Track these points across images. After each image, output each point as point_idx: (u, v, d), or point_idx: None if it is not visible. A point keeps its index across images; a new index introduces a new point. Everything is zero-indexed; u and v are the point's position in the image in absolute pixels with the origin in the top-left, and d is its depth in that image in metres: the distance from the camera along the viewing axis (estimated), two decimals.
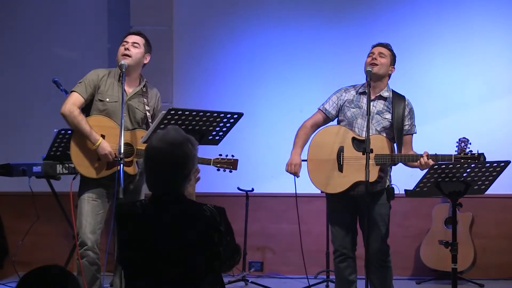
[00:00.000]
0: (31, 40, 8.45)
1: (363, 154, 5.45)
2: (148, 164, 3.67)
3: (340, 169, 5.74)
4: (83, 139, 5.67)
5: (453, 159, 5.52)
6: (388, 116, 5.79)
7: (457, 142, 7.42)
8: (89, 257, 5.66)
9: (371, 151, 5.46)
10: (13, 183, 7.27)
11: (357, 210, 5.73)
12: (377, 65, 5.78)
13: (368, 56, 5.87)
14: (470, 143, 7.39)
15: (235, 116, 5.48)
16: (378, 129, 5.76)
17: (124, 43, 5.85)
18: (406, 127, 5.82)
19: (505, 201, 7.80)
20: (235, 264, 3.84)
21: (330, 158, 5.77)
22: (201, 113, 5.36)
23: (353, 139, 5.74)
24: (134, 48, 5.82)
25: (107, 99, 5.76)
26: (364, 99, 5.75)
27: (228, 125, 5.51)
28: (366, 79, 5.71)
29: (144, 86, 5.90)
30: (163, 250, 3.59)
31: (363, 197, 5.48)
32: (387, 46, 5.92)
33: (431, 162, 5.49)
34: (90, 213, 5.66)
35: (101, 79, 5.83)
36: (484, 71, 7.93)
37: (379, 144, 5.66)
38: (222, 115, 5.43)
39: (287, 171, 5.90)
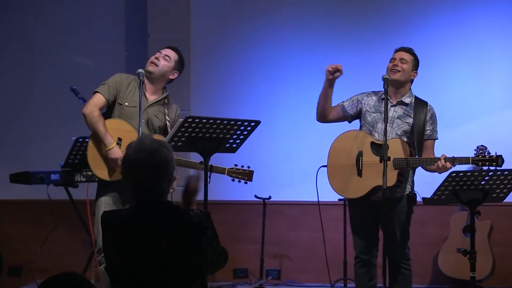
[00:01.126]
0: (49, 49, 8.49)
1: (381, 159, 5.45)
2: (129, 177, 3.66)
3: (359, 173, 5.73)
4: (100, 141, 5.71)
5: (470, 161, 5.51)
6: (409, 120, 5.77)
7: (475, 150, 7.40)
8: None
9: (389, 158, 5.44)
10: (31, 191, 7.31)
11: (378, 216, 5.68)
12: (398, 71, 5.77)
13: (390, 62, 5.85)
14: (489, 151, 7.38)
15: (252, 124, 5.47)
16: (399, 133, 5.74)
17: (158, 53, 5.94)
18: (428, 132, 5.78)
19: None
20: (220, 268, 3.87)
21: (349, 163, 5.77)
22: (218, 121, 5.36)
23: (372, 143, 5.72)
24: (164, 60, 5.91)
25: (126, 103, 5.80)
26: (384, 105, 5.68)
27: (245, 133, 5.50)
28: (384, 86, 5.67)
29: (166, 98, 5.95)
30: (151, 257, 3.58)
31: (382, 205, 5.45)
32: (409, 50, 5.88)
33: (448, 165, 5.48)
34: None
35: (124, 83, 5.88)
36: (502, 79, 7.90)
37: (395, 148, 5.62)
38: (239, 123, 5.42)
39: (329, 70, 5.83)
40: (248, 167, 5.89)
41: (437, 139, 5.86)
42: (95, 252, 5.75)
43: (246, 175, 5.90)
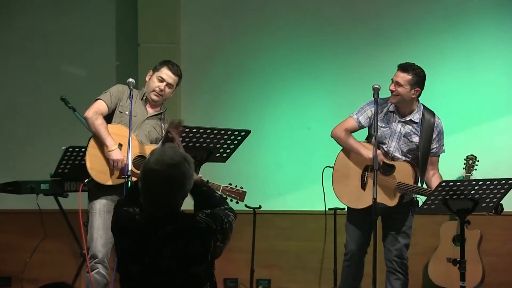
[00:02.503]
0: (39, 58, 8.47)
1: (385, 176, 5.70)
2: (146, 185, 3.67)
3: (363, 187, 5.91)
4: (99, 145, 5.76)
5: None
6: (416, 139, 5.90)
7: (465, 160, 7.44)
8: (99, 270, 5.71)
9: (394, 177, 5.72)
10: (21, 200, 7.29)
11: (376, 219, 5.75)
12: (395, 96, 5.88)
13: (391, 81, 5.93)
14: (478, 160, 7.41)
15: (243, 133, 5.50)
16: (405, 150, 5.89)
17: (160, 79, 5.93)
18: (434, 150, 5.94)
19: None
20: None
21: (355, 173, 5.94)
22: (209, 131, 5.38)
23: (383, 162, 5.85)
24: (168, 88, 5.95)
25: (127, 112, 5.85)
26: (393, 119, 5.92)
27: (235, 142, 5.52)
28: (373, 96, 5.84)
29: (163, 113, 6.02)
30: (161, 265, 3.60)
31: (383, 212, 5.75)
32: (406, 69, 5.90)
33: None
34: (102, 227, 5.70)
35: (125, 93, 5.94)
36: (492, 88, 7.90)
37: (405, 173, 5.79)
38: (230, 132, 5.45)
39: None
40: (241, 187, 5.93)
41: (443, 152, 6.03)
42: (87, 259, 5.76)
43: (239, 195, 5.98)
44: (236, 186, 5.91)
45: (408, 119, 5.92)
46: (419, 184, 5.85)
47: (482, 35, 7.92)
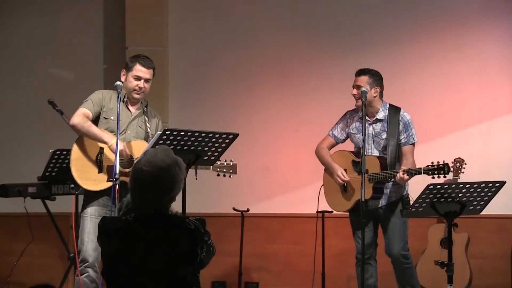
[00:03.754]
0: (27, 61, 8.47)
1: (358, 174, 6.03)
2: (135, 185, 3.68)
3: (345, 189, 6.38)
4: (83, 151, 5.76)
5: (422, 171, 5.99)
6: (384, 135, 6.29)
7: (452, 163, 7.45)
8: (89, 274, 5.72)
9: (367, 171, 5.99)
10: (8, 203, 7.26)
11: (377, 220, 6.34)
12: (359, 99, 6.22)
13: (352, 88, 6.33)
14: (466, 163, 7.42)
15: (231, 136, 5.49)
16: (379, 149, 6.31)
17: (137, 78, 5.94)
18: (402, 141, 6.30)
19: (500, 221, 7.79)
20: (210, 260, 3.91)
21: (335, 183, 6.40)
22: (197, 134, 5.37)
23: (353, 161, 6.34)
24: (146, 83, 5.96)
25: (112, 117, 5.86)
26: (365, 124, 6.24)
27: (223, 145, 5.52)
28: (362, 99, 6.13)
29: (146, 106, 6.03)
30: (149, 265, 3.59)
31: (378, 209, 6.23)
32: (362, 72, 6.33)
33: (406, 176, 6.01)
34: (93, 231, 5.69)
35: (106, 98, 5.95)
36: (480, 91, 7.92)
37: (372, 165, 6.17)
38: (218, 135, 5.44)
39: (342, 181, 6.32)
40: (231, 160, 6.01)
41: (414, 142, 6.35)
42: (77, 263, 5.76)
43: (230, 168, 6.05)
44: (225, 161, 5.96)
45: (374, 118, 6.32)
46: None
47: (469, 39, 7.94)
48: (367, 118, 6.28)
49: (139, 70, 5.94)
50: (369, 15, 8.09)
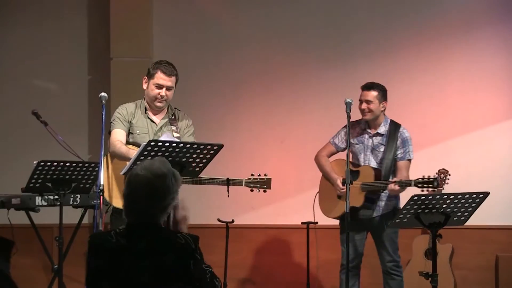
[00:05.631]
0: (10, 71, 8.44)
1: (351, 183, 6.14)
2: (128, 189, 3.68)
3: (339, 197, 6.52)
4: (115, 170, 5.78)
5: (412, 184, 6.17)
6: (382, 149, 6.51)
7: (436, 173, 7.47)
8: None
9: (359, 180, 6.36)
10: None
11: (369, 231, 6.55)
12: (368, 113, 6.49)
13: (359, 102, 6.52)
14: (450, 174, 7.44)
15: (215, 147, 5.48)
16: (377, 161, 6.49)
17: (158, 86, 5.95)
18: (399, 156, 6.51)
19: (484, 232, 7.82)
20: None
21: (332, 188, 6.58)
22: (181, 145, 5.36)
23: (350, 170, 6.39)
24: (168, 91, 5.99)
25: (137, 131, 5.92)
26: (366, 136, 6.56)
27: (208, 156, 5.50)
28: (346, 110, 6.22)
29: (172, 115, 6.07)
30: (139, 279, 3.57)
31: (371, 220, 6.41)
32: (372, 87, 6.53)
33: (396, 187, 6.20)
34: None
35: (129, 113, 5.99)
36: (464, 102, 7.97)
37: (365, 173, 6.41)
38: (202, 146, 5.42)
39: (339, 192, 6.48)
40: (265, 174, 6.06)
41: (410, 159, 6.55)
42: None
43: (264, 184, 6.16)
44: (259, 175, 5.99)
45: (375, 132, 6.54)
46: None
47: (452, 52, 7.98)
48: (368, 130, 6.55)
49: (161, 78, 5.95)
50: (354, 27, 8.12)
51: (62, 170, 6.11)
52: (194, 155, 5.43)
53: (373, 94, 6.49)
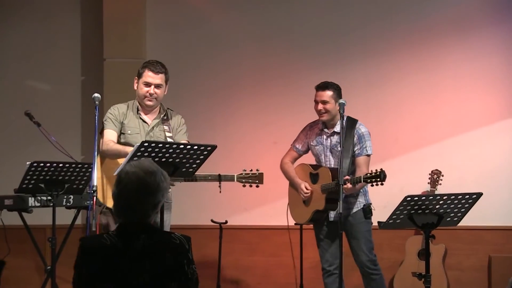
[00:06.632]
0: (4, 72, 8.42)
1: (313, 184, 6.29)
2: (119, 187, 3.67)
3: (304, 202, 6.53)
4: (109, 172, 5.78)
5: (362, 179, 6.00)
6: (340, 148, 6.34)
7: (429, 174, 7.49)
8: None
9: (319, 182, 6.36)
10: None
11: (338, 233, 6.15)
12: (325, 114, 6.40)
13: (315, 103, 6.45)
14: (443, 175, 7.46)
15: (209, 148, 5.48)
16: (337, 160, 6.35)
17: (146, 84, 5.98)
18: (356, 152, 6.40)
19: (477, 233, 7.83)
20: None
21: (298, 194, 6.55)
22: (175, 146, 5.36)
23: (310, 174, 6.52)
24: (158, 89, 6.01)
25: (129, 132, 5.94)
26: (324, 136, 6.50)
27: (201, 157, 5.51)
28: (339, 110, 6.20)
29: (165, 115, 6.08)
30: (134, 280, 3.57)
31: (341, 220, 5.93)
32: (326, 87, 6.43)
33: (349, 185, 6.04)
34: None
35: (120, 114, 6.01)
36: (456, 104, 7.98)
37: (325, 176, 6.36)
38: (196, 147, 5.43)
39: (306, 195, 6.45)
40: (257, 169, 6.06)
41: (368, 154, 6.41)
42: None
43: (257, 178, 6.13)
44: (251, 170, 5.99)
45: (332, 131, 6.46)
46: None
47: (445, 53, 7.99)
48: (325, 130, 6.48)
49: (149, 75, 5.99)
50: (347, 27, 8.13)
51: (55, 171, 6.10)
52: (188, 156, 5.44)
53: (328, 94, 6.39)
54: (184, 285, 3.66)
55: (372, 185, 6.03)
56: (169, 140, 5.93)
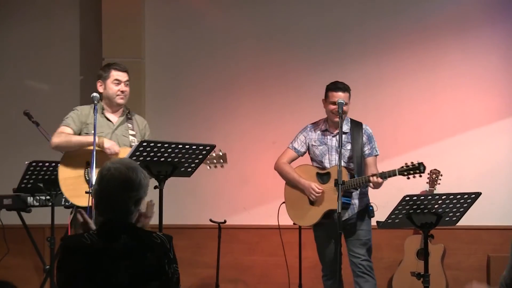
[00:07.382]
0: (2, 72, 8.42)
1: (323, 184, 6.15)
2: (101, 184, 3.66)
3: (311, 202, 6.35)
4: (70, 169, 5.76)
5: (397, 173, 5.99)
6: (349, 146, 6.35)
7: (428, 174, 7.48)
8: None
9: (332, 181, 6.16)
10: None
11: (338, 236, 6.08)
12: (344, 114, 6.26)
13: (330, 103, 6.31)
14: (442, 175, 7.46)
15: (207, 148, 5.49)
16: (345, 160, 6.30)
17: (117, 82, 6.01)
18: (366, 152, 6.37)
19: (476, 233, 7.83)
20: None
21: (301, 195, 6.40)
22: (173, 145, 5.36)
23: (317, 173, 6.38)
24: (127, 87, 6.04)
25: (92, 131, 5.83)
26: (328, 137, 6.40)
27: (200, 157, 5.51)
28: (338, 110, 6.20)
29: (128, 113, 6.09)
30: (116, 280, 3.56)
31: (344, 221, 6.08)
32: (345, 90, 6.34)
33: (380, 180, 6.03)
34: None
35: (85, 114, 5.98)
36: (455, 103, 7.98)
37: (342, 173, 6.06)
38: (195, 147, 5.43)
39: (317, 195, 6.28)
40: (220, 150, 6.01)
41: (377, 154, 6.43)
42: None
43: (220, 158, 6.07)
44: (214, 151, 5.97)
45: (336, 132, 6.29)
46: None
47: (444, 52, 7.99)
48: (330, 131, 6.41)
49: (117, 74, 6.01)
50: (346, 27, 8.12)
51: (53, 171, 6.11)
52: (187, 155, 5.44)
53: (346, 95, 6.32)
54: (165, 284, 3.65)
55: (408, 178, 5.99)
56: (131, 138, 5.96)
